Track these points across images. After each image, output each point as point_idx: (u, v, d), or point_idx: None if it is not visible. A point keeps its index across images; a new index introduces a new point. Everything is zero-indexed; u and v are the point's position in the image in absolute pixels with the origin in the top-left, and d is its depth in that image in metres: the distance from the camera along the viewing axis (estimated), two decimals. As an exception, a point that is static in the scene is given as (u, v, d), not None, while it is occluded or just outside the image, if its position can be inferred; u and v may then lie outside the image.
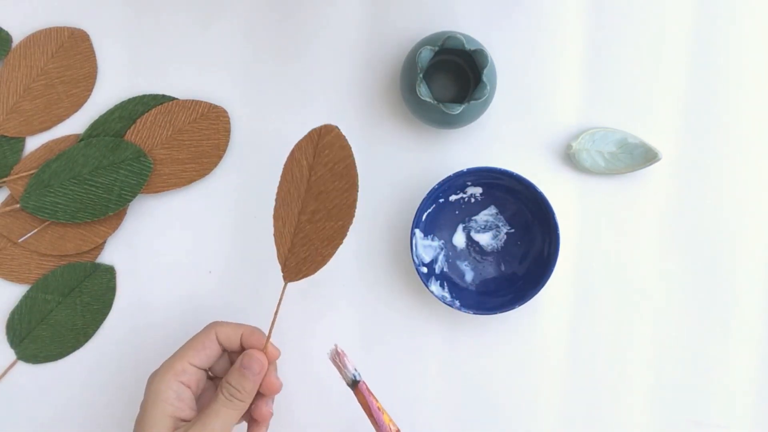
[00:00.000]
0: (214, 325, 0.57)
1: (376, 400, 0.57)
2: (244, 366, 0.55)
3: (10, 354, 0.67)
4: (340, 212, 0.54)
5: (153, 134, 0.66)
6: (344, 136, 0.54)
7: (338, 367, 0.57)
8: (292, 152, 0.55)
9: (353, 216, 0.54)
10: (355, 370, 0.57)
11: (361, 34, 0.67)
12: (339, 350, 0.57)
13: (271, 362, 0.58)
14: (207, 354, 0.56)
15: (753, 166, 0.67)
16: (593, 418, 0.67)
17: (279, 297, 0.56)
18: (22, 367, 0.67)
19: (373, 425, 0.57)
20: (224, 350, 0.58)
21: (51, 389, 0.67)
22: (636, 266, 0.67)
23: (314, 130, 0.54)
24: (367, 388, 0.57)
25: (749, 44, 0.67)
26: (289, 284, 0.56)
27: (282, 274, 0.56)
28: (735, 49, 0.67)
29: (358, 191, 0.54)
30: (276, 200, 0.56)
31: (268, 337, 0.56)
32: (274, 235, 0.56)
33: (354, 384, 0.57)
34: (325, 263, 0.55)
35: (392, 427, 0.56)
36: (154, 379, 0.55)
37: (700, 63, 0.67)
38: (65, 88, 0.66)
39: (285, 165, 0.55)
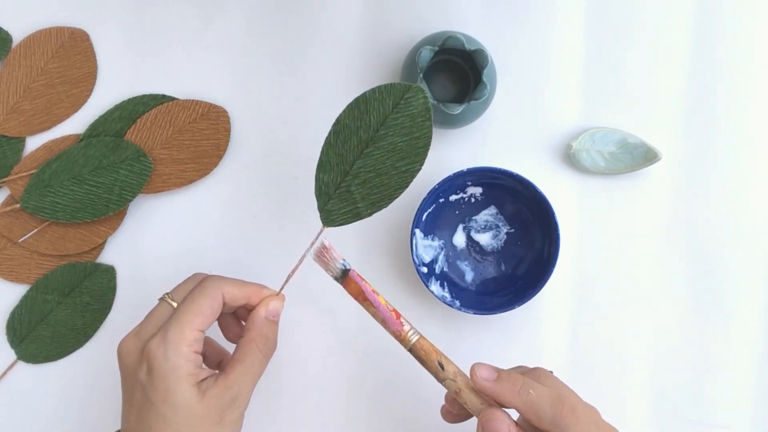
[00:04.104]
0: (218, 286, 0.53)
1: (369, 284, 0.54)
2: (272, 313, 0.54)
3: (10, 354, 0.67)
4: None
5: (153, 134, 0.66)
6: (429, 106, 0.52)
7: (325, 263, 0.54)
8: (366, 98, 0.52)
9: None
10: (344, 259, 0.54)
11: (361, 34, 0.67)
12: (327, 244, 0.54)
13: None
14: (214, 317, 0.53)
15: (753, 166, 0.67)
16: (593, 418, 0.67)
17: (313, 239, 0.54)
18: (22, 367, 0.67)
19: (370, 310, 0.54)
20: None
21: (51, 389, 0.67)
22: (636, 266, 0.67)
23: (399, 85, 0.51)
24: (358, 273, 0.54)
25: (749, 44, 0.67)
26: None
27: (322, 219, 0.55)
28: (735, 49, 0.67)
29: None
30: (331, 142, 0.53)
31: (285, 281, 0.56)
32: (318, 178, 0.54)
33: (345, 273, 0.54)
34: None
35: (389, 307, 0.54)
36: (165, 353, 0.50)
37: (700, 63, 0.67)
38: (65, 88, 0.66)
39: (353, 107, 0.52)
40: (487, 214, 0.66)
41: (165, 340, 0.50)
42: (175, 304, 0.53)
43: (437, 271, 0.66)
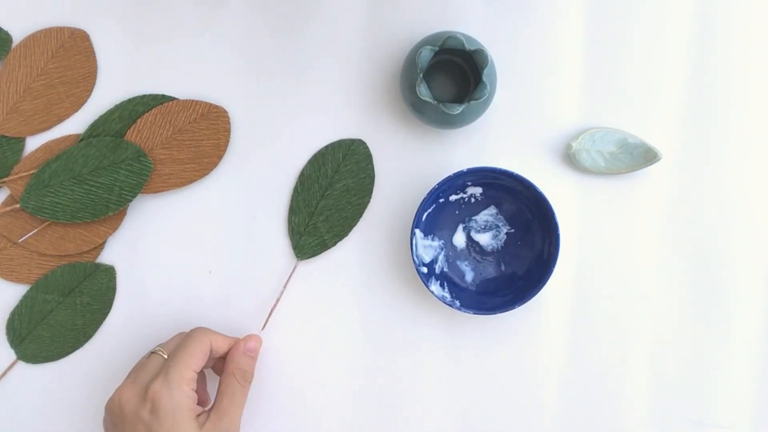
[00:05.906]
0: (207, 335, 0.61)
1: None
2: (249, 350, 0.62)
3: (10, 354, 0.67)
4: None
5: (153, 134, 0.66)
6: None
7: None
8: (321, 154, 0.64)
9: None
10: None
11: (361, 34, 0.67)
12: None
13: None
14: (204, 360, 0.60)
15: (753, 166, 0.67)
16: (593, 418, 0.67)
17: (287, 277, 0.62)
18: (22, 367, 0.67)
19: None
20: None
21: (51, 389, 0.67)
22: (636, 266, 0.67)
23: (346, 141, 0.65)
24: None
25: (749, 44, 0.67)
26: (290, 287, 0.56)
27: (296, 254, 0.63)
28: (735, 49, 0.67)
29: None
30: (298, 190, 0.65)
31: (269, 315, 0.62)
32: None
33: None
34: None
35: None
36: (170, 392, 0.56)
37: (700, 63, 0.67)
38: (65, 88, 0.66)
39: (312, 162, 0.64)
40: (487, 214, 0.66)
41: (167, 381, 0.57)
42: (166, 356, 0.60)
43: (437, 271, 0.66)
